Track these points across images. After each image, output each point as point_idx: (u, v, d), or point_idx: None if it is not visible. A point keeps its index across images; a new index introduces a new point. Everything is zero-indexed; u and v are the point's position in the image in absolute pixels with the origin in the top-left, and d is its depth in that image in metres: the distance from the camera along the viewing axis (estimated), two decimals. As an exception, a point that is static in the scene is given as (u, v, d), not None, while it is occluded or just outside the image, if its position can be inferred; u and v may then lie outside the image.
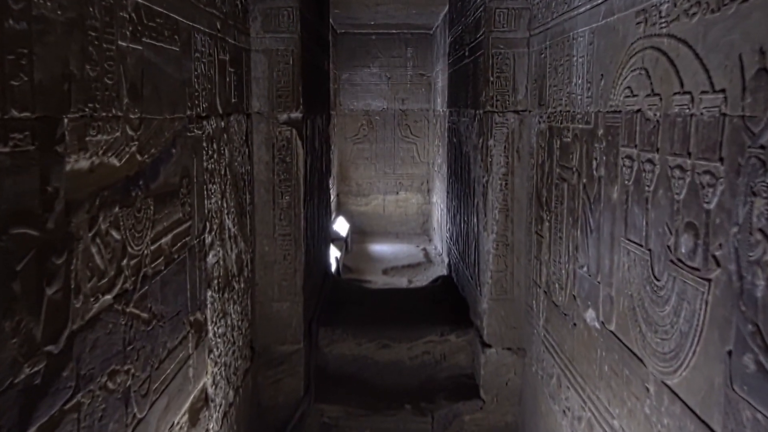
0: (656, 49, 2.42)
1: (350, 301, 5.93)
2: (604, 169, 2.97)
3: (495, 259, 4.65)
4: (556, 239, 3.81)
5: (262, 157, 4.51)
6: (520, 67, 4.49)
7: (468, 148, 5.50)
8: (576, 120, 3.41)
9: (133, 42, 2.31)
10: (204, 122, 3.25)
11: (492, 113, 4.56)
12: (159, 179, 2.59)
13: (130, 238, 2.28)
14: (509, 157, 4.56)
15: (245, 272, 4.25)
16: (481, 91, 4.76)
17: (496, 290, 4.66)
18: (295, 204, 4.56)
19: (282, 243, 4.58)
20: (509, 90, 4.53)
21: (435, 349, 5.14)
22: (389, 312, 5.60)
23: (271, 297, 4.62)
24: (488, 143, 4.59)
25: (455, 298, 5.90)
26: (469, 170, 5.45)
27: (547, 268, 4.03)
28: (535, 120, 4.33)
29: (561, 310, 3.69)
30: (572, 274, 3.49)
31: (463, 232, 5.87)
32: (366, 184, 13.17)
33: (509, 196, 4.59)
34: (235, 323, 3.94)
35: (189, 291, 3.01)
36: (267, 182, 4.53)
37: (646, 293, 2.50)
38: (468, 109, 5.46)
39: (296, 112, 4.50)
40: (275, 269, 4.61)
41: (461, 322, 5.26)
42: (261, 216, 4.55)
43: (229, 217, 3.79)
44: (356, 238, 12.22)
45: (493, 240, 4.64)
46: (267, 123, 4.49)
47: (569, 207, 3.54)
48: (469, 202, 5.48)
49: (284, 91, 4.48)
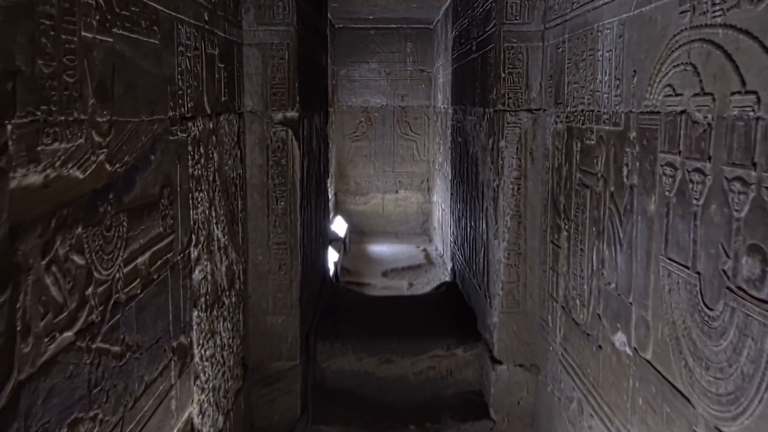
0: (708, 41, 2.09)
1: (350, 309, 5.60)
2: (637, 177, 2.65)
3: (506, 269, 4.32)
4: (576, 251, 3.49)
5: (256, 159, 4.18)
6: (533, 63, 4.16)
7: (475, 148, 5.17)
8: (601, 121, 3.08)
9: (102, 33, 1.98)
10: (189, 124, 2.92)
11: (503, 112, 4.23)
12: (134, 190, 2.26)
13: (98, 262, 1.95)
14: (522, 159, 4.23)
15: (237, 285, 3.92)
16: (491, 88, 4.43)
17: (507, 302, 4.34)
18: (290, 210, 4.23)
19: (277, 252, 4.25)
20: (522, 87, 4.20)
21: (441, 364, 4.82)
22: (391, 322, 5.28)
23: (265, 310, 4.29)
24: (499, 144, 4.26)
25: (461, 307, 5.58)
26: (476, 172, 5.12)
27: (565, 281, 3.71)
28: (550, 120, 4.00)
29: (582, 328, 3.37)
30: (596, 291, 3.16)
31: (469, 238, 5.55)
32: (365, 182, 12.83)
33: (522, 201, 4.27)
34: (226, 342, 3.61)
35: (171, 313, 2.68)
36: (261, 187, 4.20)
37: (693, 322, 2.17)
38: (476, 107, 5.13)
39: (292, 111, 4.17)
40: (270, 280, 4.28)
41: (468, 335, 4.94)
42: (254, 223, 4.22)
43: (219, 226, 3.46)
44: (355, 238, 11.89)
45: (505, 248, 4.31)
46: (261, 123, 4.16)
47: (593, 216, 3.22)
48: (476, 206, 5.16)
49: (279, 89, 4.14)
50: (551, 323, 3.97)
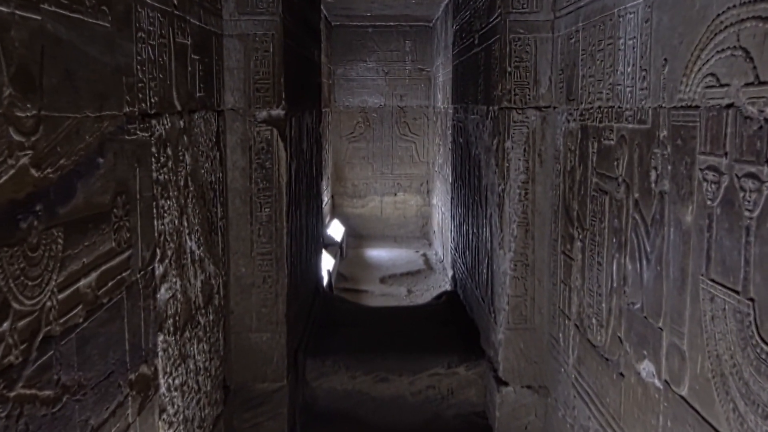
0: (764, 19, 1.72)
1: (344, 322, 5.23)
2: (669, 183, 2.28)
3: (513, 281, 3.95)
4: (592, 264, 3.12)
5: (238, 162, 3.81)
6: (542, 56, 3.79)
7: (478, 149, 4.80)
8: (623, 118, 2.71)
9: (25, 8, 1.60)
10: (153, 122, 2.55)
11: (509, 110, 3.86)
12: (75, 200, 1.89)
13: (17, 289, 1.58)
14: (530, 161, 3.86)
15: (216, 300, 3.54)
16: (495, 84, 4.06)
17: (513, 318, 3.97)
18: (276, 217, 3.86)
19: (261, 263, 3.88)
20: (530, 82, 3.82)
21: (441, 383, 4.44)
22: (388, 336, 4.90)
23: (248, 326, 3.92)
24: (505, 145, 3.89)
25: (463, 319, 5.21)
26: (479, 175, 4.75)
27: (579, 297, 3.34)
28: (561, 118, 3.63)
29: (600, 351, 3.00)
30: (617, 311, 2.79)
31: (471, 246, 5.18)
32: (362, 185, 12.46)
33: (530, 207, 3.90)
34: (201, 365, 3.24)
35: (129, 341, 2.31)
36: (243, 192, 3.83)
37: (745, 359, 1.80)
38: (478, 105, 4.76)
39: (277, 109, 3.80)
40: (253, 294, 3.90)
41: (471, 351, 4.57)
42: (236, 232, 3.84)
43: (192, 237, 3.09)
44: (351, 242, 11.52)
45: (511, 259, 3.94)
46: (243, 122, 3.79)
47: (612, 226, 2.85)
48: (479, 211, 4.79)
49: (263, 84, 3.77)
50: (563, 342, 3.60)
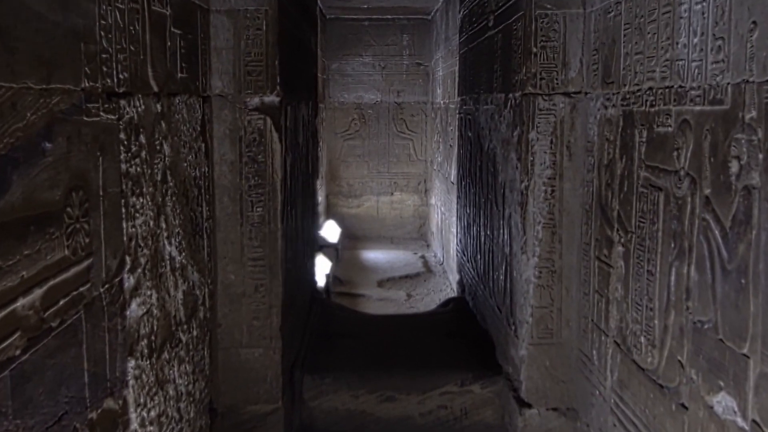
0: None
1: (344, 333, 4.77)
2: (761, 176, 1.83)
3: (537, 290, 3.50)
4: (640, 272, 2.67)
5: (226, 155, 3.35)
6: (572, 34, 3.35)
7: (492, 143, 4.35)
8: (686, 99, 2.27)
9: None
10: (122, 102, 2.09)
11: (534, 96, 3.41)
12: (8, 196, 1.43)
13: None
14: (557, 154, 3.42)
15: (201, 313, 3.09)
16: (517, 68, 3.61)
17: (538, 332, 3.52)
18: (270, 217, 3.40)
19: (253, 270, 3.42)
20: (558, 65, 3.38)
21: (453, 403, 3.99)
22: (393, 349, 4.45)
23: (238, 342, 3.46)
24: (528, 136, 3.44)
25: (474, 330, 4.76)
26: (494, 171, 4.30)
27: (619, 309, 2.90)
28: (595, 104, 3.19)
29: (651, 375, 2.56)
30: (677, 329, 2.35)
31: (483, 249, 4.73)
32: (358, 184, 12.00)
33: (556, 207, 3.45)
34: (183, 390, 2.78)
35: (88, 372, 1.85)
36: (233, 189, 3.37)
37: None
38: (494, 93, 4.31)
39: (271, 95, 3.34)
40: (244, 305, 3.44)
41: (486, 366, 4.12)
42: (224, 234, 3.39)
43: (172, 241, 2.63)
44: (348, 243, 11.05)
45: (535, 265, 3.49)
46: (232, 109, 3.33)
47: (669, 229, 2.40)
48: (493, 211, 4.34)
49: (255, 67, 3.31)
50: (597, 360, 3.16)
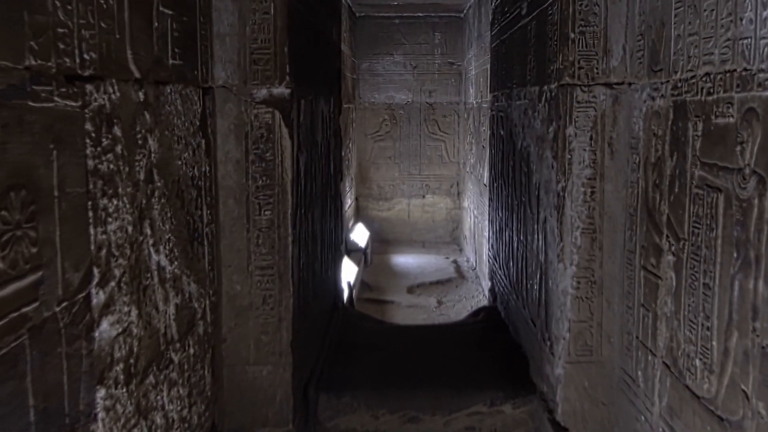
0: None
1: (365, 345, 4.45)
2: None
3: (575, 302, 3.15)
4: (695, 285, 2.31)
5: (231, 152, 3.05)
6: (615, 18, 2.99)
7: (526, 140, 3.99)
8: (753, 84, 1.91)
9: None
10: (88, 87, 1.80)
11: (572, 88, 3.06)
12: None
13: None
14: (597, 152, 3.06)
15: (200, 328, 2.79)
16: (552, 57, 3.26)
17: (576, 348, 3.16)
18: (279, 222, 3.10)
19: (261, 279, 3.12)
20: (599, 52, 3.02)
21: (483, 424, 3.64)
22: (417, 364, 4.12)
23: (245, 359, 3.16)
24: (565, 132, 3.09)
25: (506, 343, 4.40)
26: (527, 171, 3.95)
27: (669, 327, 2.53)
28: (640, 96, 2.83)
29: (707, 405, 2.19)
30: (740, 353, 1.99)
31: (515, 255, 4.37)
32: (388, 186, 11.68)
33: (597, 210, 3.09)
34: (174, 416, 2.48)
35: (36, 409, 1.55)
36: (238, 190, 3.07)
37: None
38: (527, 87, 3.96)
39: (280, 87, 3.04)
40: (251, 318, 3.14)
41: (518, 384, 3.77)
42: (229, 241, 3.09)
43: (161, 248, 2.33)
44: (377, 248, 10.74)
45: (573, 275, 3.14)
46: (237, 102, 3.03)
47: (732, 236, 2.04)
48: (527, 215, 3.98)
49: (263, 55, 3.01)
50: (643, 382, 2.80)
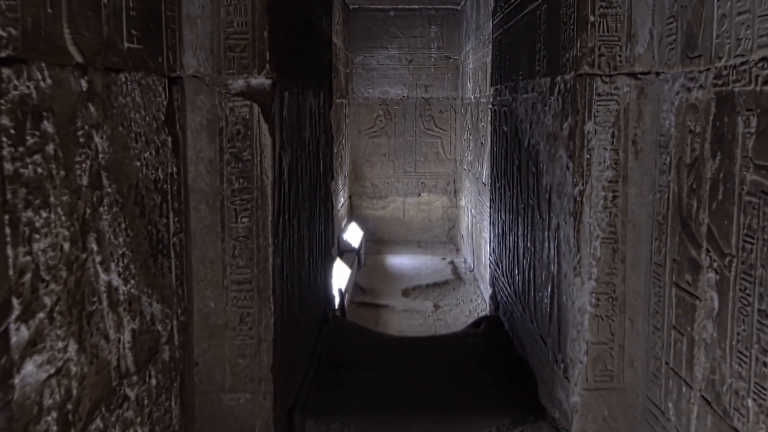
0: None
1: (357, 362, 4.08)
2: None
3: (594, 321, 2.78)
4: (746, 311, 1.94)
5: (203, 151, 2.68)
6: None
7: (534, 138, 3.63)
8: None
9: None
10: (3, 71, 1.42)
11: (591, 78, 2.69)
12: None
13: None
14: (620, 151, 2.70)
15: (164, 354, 2.41)
16: (568, 44, 2.89)
17: (595, 374, 2.80)
18: (258, 230, 2.72)
19: (237, 295, 2.74)
20: (622, 37, 2.66)
21: (487, 454, 3.29)
22: (414, 384, 3.75)
23: (219, 385, 2.79)
24: (583, 128, 2.73)
25: (509, 358, 4.03)
26: (535, 172, 3.58)
27: (709, 356, 2.17)
28: (672, 87, 2.46)
29: (765, 457, 1.84)
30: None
31: (522, 264, 4.00)
32: (383, 184, 11.31)
33: (619, 217, 2.73)
34: (132, 462, 2.11)
35: None
36: (211, 194, 2.70)
37: None
38: (536, 78, 3.59)
39: (259, 77, 2.66)
40: (227, 339, 2.77)
41: (525, 406, 3.40)
42: (201, 252, 2.71)
43: (113, 266, 1.96)
44: (371, 248, 10.37)
45: (592, 290, 2.77)
46: (210, 94, 2.66)
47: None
48: (535, 220, 3.62)
49: (239, 40, 2.64)
50: (675, 416, 2.44)
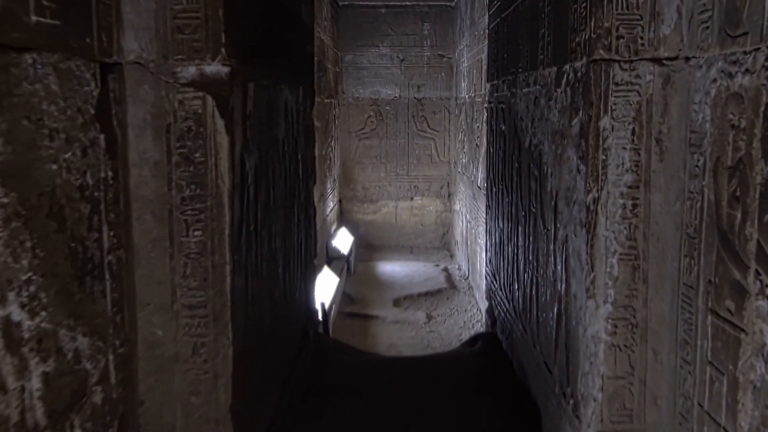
0: None
1: (339, 389, 3.65)
2: None
3: (610, 352, 2.37)
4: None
5: (147, 152, 2.25)
6: (667, -31, 2.22)
7: (537, 137, 3.21)
8: None
9: None
10: None
11: (607, 64, 2.28)
12: None
13: None
14: (642, 151, 2.29)
15: (95, 397, 1.99)
16: (579, 25, 2.48)
17: (611, 413, 2.39)
18: (214, 244, 2.30)
19: (190, 322, 2.32)
20: (644, 16, 2.25)
21: (484, 498, 2.87)
22: (403, 416, 3.33)
23: (170, 427, 2.35)
24: (598, 124, 2.31)
25: (509, 383, 3.62)
26: (538, 175, 3.17)
27: (758, 401, 1.76)
28: (706, 74, 2.05)
29: None
30: None
31: (522, 278, 3.59)
32: (374, 188, 10.90)
33: (640, 229, 2.32)
34: None
35: None
36: (158, 203, 2.27)
37: None
38: (539, 69, 3.17)
39: (214, 63, 2.24)
40: (177, 373, 2.34)
41: (528, 443, 3.00)
42: (147, 270, 2.29)
43: (13, 296, 1.54)
44: (361, 254, 9.96)
45: (608, 315, 2.36)
46: (156, 84, 2.23)
47: None
48: (537, 230, 3.20)
49: (189, 20, 2.22)
50: (710, 470, 2.02)
